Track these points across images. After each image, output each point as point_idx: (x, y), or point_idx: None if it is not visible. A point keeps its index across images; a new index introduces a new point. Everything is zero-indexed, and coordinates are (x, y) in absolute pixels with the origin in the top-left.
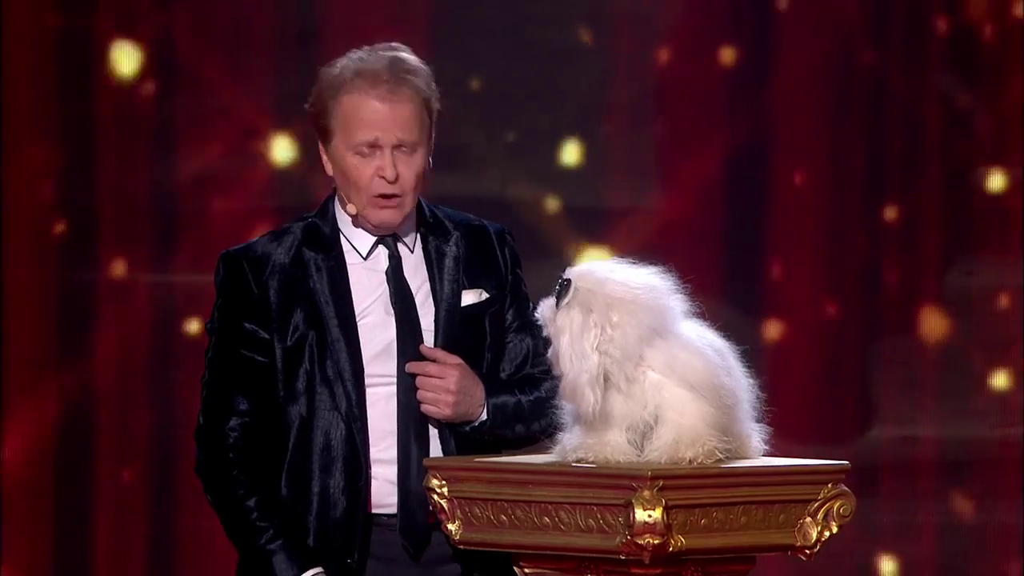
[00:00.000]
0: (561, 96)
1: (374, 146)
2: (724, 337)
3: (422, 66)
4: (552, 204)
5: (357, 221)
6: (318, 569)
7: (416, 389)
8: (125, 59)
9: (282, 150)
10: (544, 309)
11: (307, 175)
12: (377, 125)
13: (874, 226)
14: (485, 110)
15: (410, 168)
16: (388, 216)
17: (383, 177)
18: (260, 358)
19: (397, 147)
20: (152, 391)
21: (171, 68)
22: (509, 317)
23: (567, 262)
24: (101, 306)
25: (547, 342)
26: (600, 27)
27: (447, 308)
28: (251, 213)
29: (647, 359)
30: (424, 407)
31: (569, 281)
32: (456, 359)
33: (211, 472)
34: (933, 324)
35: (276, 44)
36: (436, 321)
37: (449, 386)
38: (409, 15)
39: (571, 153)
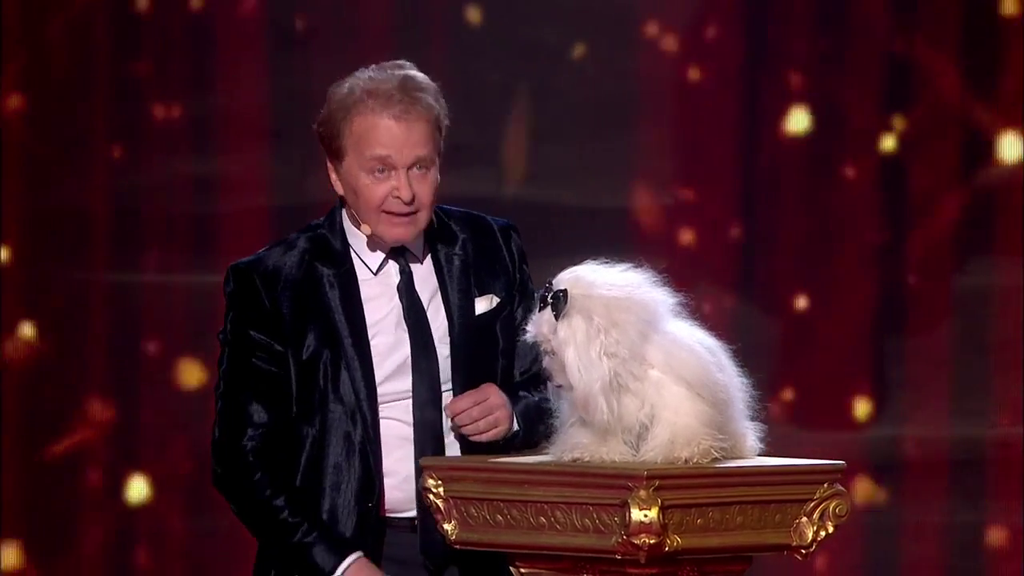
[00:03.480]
0: (561, 96)
1: (388, 165)
2: (715, 335)
3: (431, 83)
4: (551, 204)
5: (372, 241)
6: (358, 554)
7: (424, 406)
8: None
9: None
10: (541, 324)
11: None
12: (391, 144)
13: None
14: (484, 109)
15: (425, 185)
16: (403, 232)
17: (399, 197)
18: (274, 368)
19: (412, 166)
20: None
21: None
22: (518, 315)
23: (557, 264)
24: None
25: (542, 355)
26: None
27: (460, 318)
28: None
29: (648, 356)
30: (484, 435)
31: (564, 291)
32: (485, 386)
33: (232, 482)
34: (932, 323)
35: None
36: (450, 332)
37: (496, 402)
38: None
39: (578, 152)
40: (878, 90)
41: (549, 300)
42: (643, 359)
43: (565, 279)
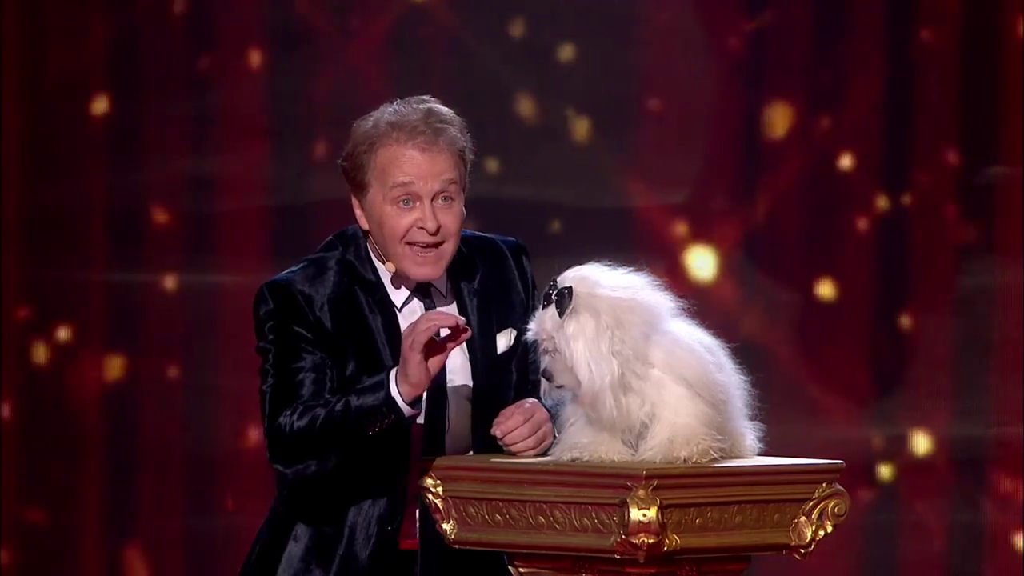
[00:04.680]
0: (561, 96)
1: (412, 194)
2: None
3: (456, 117)
4: (551, 204)
5: (396, 279)
6: (392, 371)
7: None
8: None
9: None
10: (544, 321)
11: None
12: (414, 172)
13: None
14: (484, 109)
15: (450, 216)
16: (428, 271)
17: (423, 228)
18: (321, 360)
19: (436, 197)
20: None
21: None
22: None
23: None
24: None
25: (541, 355)
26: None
27: (483, 359)
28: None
29: (650, 356)
30: (535, 450)
31: (570, 288)
32: (530, 403)
33: (285, 442)
34: (932, 323)
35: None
36: (473, 373)
37: (542, 417)
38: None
39: (559, 149)
40: (878, 88)
41: (554, 297)
42: (646, 359)
43: (570, 277)
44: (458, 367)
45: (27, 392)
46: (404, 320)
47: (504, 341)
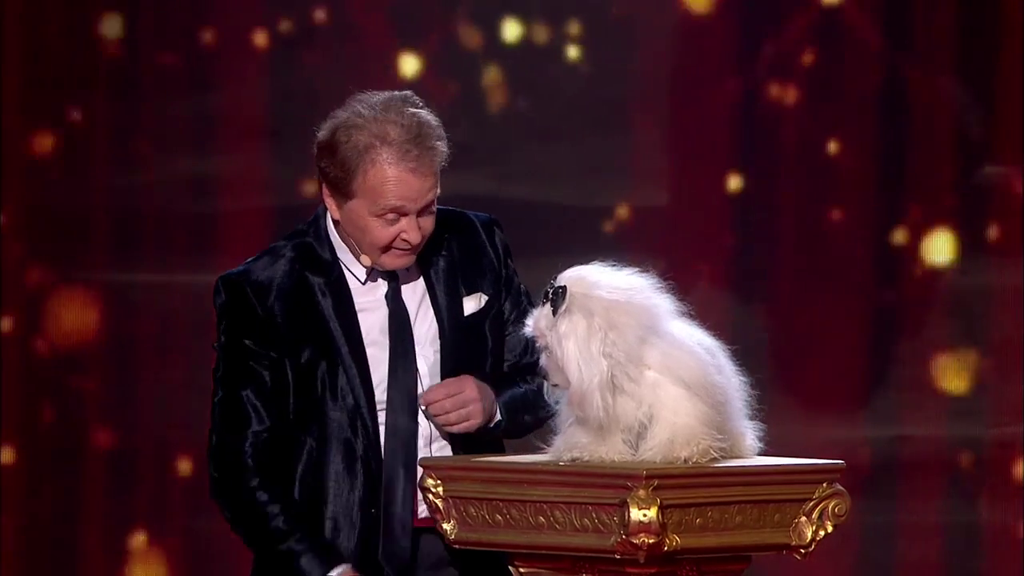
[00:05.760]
0: (560, 96)
1: (401, 212)
2: (714, 335)
3: (437, 122)
4: (547, 203)
5: (372, 272)
6: (345, 566)
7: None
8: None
9: None
10: (539, 319)
11: None
12: (406, 196)
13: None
14: (483, 108)
15: (429, 223)
16: (405, 263)
17: (406, 240)
18: (271, 374)
19: (421, 212)
20: None
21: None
22: (506, 310)
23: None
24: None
25: (539, 352)
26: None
27: (450, 320)
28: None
29: (645, 358)
30: (456, 427)
31: (564, 288)
32: (462, 378)
33: (229, 486)
34: (931, 323)
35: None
36: (440, 335)
37: (470, 396)
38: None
39: (558, 149)
40: (875, 91)
41: (549, 296)
42: (640, 361)
43: (568, 276)
44: (426, 333)
45: (27, 392)
46: (363, 295)
47: (473, 304)
